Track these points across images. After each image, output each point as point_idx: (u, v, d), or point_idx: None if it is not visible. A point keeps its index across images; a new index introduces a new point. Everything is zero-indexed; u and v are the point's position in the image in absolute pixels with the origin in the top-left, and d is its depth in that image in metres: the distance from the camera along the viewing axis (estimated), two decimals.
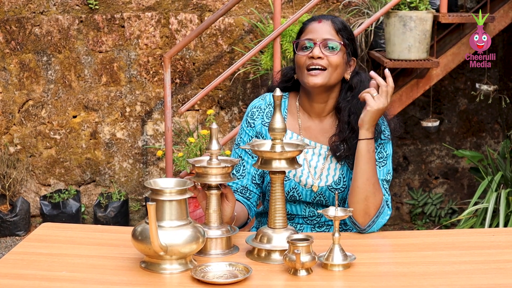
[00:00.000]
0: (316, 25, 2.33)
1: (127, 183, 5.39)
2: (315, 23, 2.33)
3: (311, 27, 2.34)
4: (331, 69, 2.29)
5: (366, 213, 2.21)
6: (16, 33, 5.23)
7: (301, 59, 2.31)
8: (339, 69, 2.31)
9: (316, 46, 2.28)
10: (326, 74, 2.29)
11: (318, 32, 2.31)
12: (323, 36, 2.30)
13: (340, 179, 2.35)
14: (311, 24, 2.34)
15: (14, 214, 5.17)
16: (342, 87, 2.38)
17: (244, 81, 5.24)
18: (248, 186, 2.37)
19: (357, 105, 2.31)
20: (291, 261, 1.85)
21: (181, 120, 5.27)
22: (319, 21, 2.33)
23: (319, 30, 2.31)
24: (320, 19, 2.34)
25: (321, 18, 2.35)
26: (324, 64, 2.28)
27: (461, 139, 5.48)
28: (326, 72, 2.29)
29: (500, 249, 2.08)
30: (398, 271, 1.92)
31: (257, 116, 2.40)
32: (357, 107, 2.31)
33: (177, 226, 1.87)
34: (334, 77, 2.31)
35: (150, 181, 1.92)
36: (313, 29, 2.33)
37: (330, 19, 2.34)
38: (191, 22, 5.21)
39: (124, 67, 5.26)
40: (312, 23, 2.34)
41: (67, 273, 1.87)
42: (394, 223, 5.52)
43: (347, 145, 2.31)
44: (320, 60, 2.28)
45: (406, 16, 4.40)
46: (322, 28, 2.32)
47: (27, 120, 5.33)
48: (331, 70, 2.29)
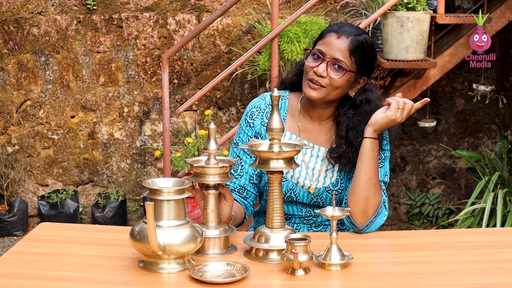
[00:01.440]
0: (334, 39, 2.25)
1: (125, 183, 5.39)
2: (334, 37, 2.26)
3: (329, 39, 2.26)
4: (330, 88, 2.27)
5: (365, 213, 2.21)
6: (14, 33, 5.24)
7: (307, 68, 2.29)
8: (340, 89, 2.29)
9: (323, 63, 2.25)
10: (324, 92, 2.27)
11: (332, 48, 2.25)
12: (334, 54, 2.24)
13: (338, 181, 2.36)
14: (330, 35, 2.27)
15: (12, 214, 5.17)
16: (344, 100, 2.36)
17: (242, 82, 5.24)
18: (246, 185, 2.37)
19: (357, 121, 2.30)
20: (289, 261, 1.85)
21: (179, 120, 5.28)
22: (338, 36, 2.25)
23: (333, 46, 2.25)
24: (340, 34, 2.25)
25: (342, 32, 2.26)
26: (324, 83, 2.25)
27: (458, 140, 5.49)
28: (324, 90, 2.27)
29: (497, 248, 2.09)
30: (396, 270, 1.92)
31: (257, 116, 2.40)
32: (356, 123, 2.29)
33: (175, 226, 1.87)
34: (332, 95, 2.29)
35: (148, 180, 1.92)
36: (329, 43, 2.26)
37: (350, 36, 2.25)
38: (189, 22, 5.21)
39: (122, 68, 5.26)
40: (332, 34, 2.27)
41: (65, 273, 1.87)
42: (391, 223, 5.53)
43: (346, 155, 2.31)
44: (321, 78, 2.25)
45: (403, 17, 4.40)
46: (338, 45, 2.24)
47: (25, 120, 5.33)
48: (330, 89, 2.27)
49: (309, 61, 2.29)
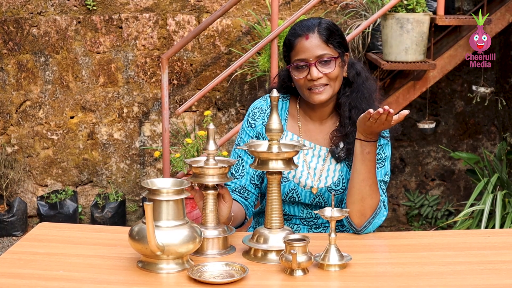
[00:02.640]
0: (304, 42, 2.26)
1: (124, 184, 5.39)
2: (303, 40, 2.26)
3: (300, 45, 2.27)
4: (331, 83, 2.29)
5: (362, 214, 2.21)
6: (14, 34, 5.24)
7: (299, 81, 2.29)
8: (340, 77, 2.31)
9: (312, 67, 2.25)
10: (329, 89, 2.29)
11: (309, 50, 2.25)
12: (315, 53, 2.25)
13: (340, 181, 2.35)
14: (299, 42, 2.27)
15: (11, 214, 5.17)
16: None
17: (242, 83, 5.25)
18: (247, 186, 2.37)
19: (357, 99, 2.32)
20: (287, 261, 1.86)
21: (179, 121, 5.28)
22: (306, 37, 2.26)
23: (309, 48, 2.25)
24: (306, 34, 2.26)
25: (306, 32, 2.26)
26: (325, 81, 2.27)
27: (457, 141, 5.49)
28: (329, 87, 2.28)
29: (495, 250, 2.09)
30: (394, 271, 1.93)
31: (258, 116, 2.40)
32: (357, 101, 2.31)
33: (174, 226, 1.88)
34: (337, 86, 2.31)
35: (147, 181, 1.92)
36: (302, 48, 2.26)
37: (316, 29, 2.26)
38: (189, 23, 5.22)
39: (121, 68, 5.26)
40: (299, 40, 2.27)
41: (64, 273, 1.88)
42: (390, 225, 5.53)
43: (346, 144, 2.32)
44: (320, 79, 2.26)
45: (403, 18, 4.41)
46: (311, 44, 2.25)
47: (24, 120, 5.33)
48: (333, 83, 2.29)
49: (297, 74, 2.29)
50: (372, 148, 2.18)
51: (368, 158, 2.19)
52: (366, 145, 2.18)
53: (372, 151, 2.19)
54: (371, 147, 2.18)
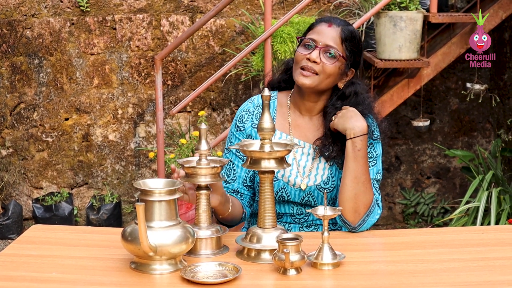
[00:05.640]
0: (325, 28, 2.32)
1: (119, 185, 5.39)
2: (325, 26, 2.32)
3: (320, 28, 2.32)
4: (322, 76, 2.30)
5: (356, 211, 2.22)
6: (7, 36, 5.23)
7: (299, 56, 2.32)
8: (332, 78, 2.32)
9: (316, 49, 2.29)
10: (317, 79, 2.30)
11: (324, 36, 2.30)
12: (326, 41, 2.29)
13: (329, 179, 2.36)
14: (321, 25, 2.33)
15: (7, 217, 5.16)
16: (333, 92, 2.38)
17: (236, 83, 5.24)
18: (239, 189, 2.38)
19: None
20: (280, 261, 1.85)
21: (173, 121, 5.28)
22: (329, 24, 2.32)
23: (325, 34, 2.30)
24: (330, 23, 2.32)
25: (332, 21, 2.33)
26: (318, 69, 2.29)
27: (452, 139, 5.50)
28: (317, 77, 2.30)
29: (489, 246, 2.09)
30: (388, 269, 1.93)
31: (247, 119, 2.41)
32: None
33: (167, 227, 1.87)
34: (324, 83, 2.32)
35: (139, 181, 1.92)
36: (320, 31, 2.31)
37: (341, 25, 2.32)
38: (183, 23, 5.21)
39: (115, 69, 5.26)
40: (322, 24, 2.33)
41: (57, 275, 1.87)
42: (386, 223, 5.53)
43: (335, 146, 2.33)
44: (315, 64, 2.28)
45: (396, 16, 4.41)
46: (329, 33, 2.30)
47: (19, 123, 5.32)
48: (323, 76, 2.30)
49: (301, 49, 2.32)
50: (363, 144, 2.21)
51: (360, 155, 2.21)
52: (357, 142, 2.21)
53: (363, 148, 2.21)
54: (362, 144, 2.21)
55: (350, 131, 2.23)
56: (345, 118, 2.26)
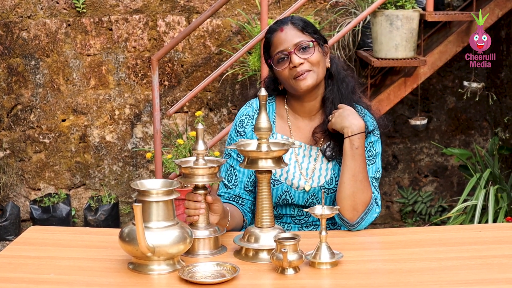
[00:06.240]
0: (281, 34, 2.33)
1: (117, 186, 5.38)
2: (278, 33, 2.33)
3: (277, 39, 2.33)
4: (315, 68, 2.31)
5: (354, 209, 2.22)
6: (3, 38, 5.22)
7: (283, 73, 2.32)
8: (322, 63, 2.34)
9: (292, 55, 2.29)
10: (313, 74, 2.31)
11: (286, 40, 2.31)
12: (292, 41, 2.30)
13: (332, 179, 2.35)
14: (275, 36, 2.34)
15: (4, 218, 5.15)
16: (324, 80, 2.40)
17: (233, 83, 5.24)
18: (241, 194, 2.37)
19: (339, 94, 2.37)
20: (278, 260, 1.85)
21: (170, 122, 5.27)
22: (281, 29, 2.33)
23: (286, 38, 2.31)
24: (281, 27, 2.33)
25: (280, 25, 2.34)
26: (307, 67, 2.30)
27: (450, 137, 5.50)
28: (313, 72, 2.31)
29: (487, 244, 2.09)
30: (385, 268, 1.93)
31: (247, 123, 2.40)
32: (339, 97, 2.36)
33: (164, 227, 1.87)
34: (321, 73, 2.34)
35: (137, 182, 1.92)
36: (280, 40, 2.32)
37: (289, 21, 2.34)
38: (179, 24, 5.21)
39: (112, 70, 5.25)
40: (275, 34, 2.34)
41: (54, 276, 1.87)
42: (384, 222, 5.53)
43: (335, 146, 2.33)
44: (302, 66, 2.29)
45: (392, 15, 4.41)
46: (287, 34, 2.32)
47: (16, 124, 5.32)
48: (316, 68, 2.31)
49: (280, 66, 2.33)
50: (361, 142, 2.21)
51: (357, 153, 2.22)
52: (355, 140, 2.21)
53: (361, 145, 2.22)
54: (359, 142, 2.21)
55: (348, 129, 2.23)
56: (342, 117, 2.26)
